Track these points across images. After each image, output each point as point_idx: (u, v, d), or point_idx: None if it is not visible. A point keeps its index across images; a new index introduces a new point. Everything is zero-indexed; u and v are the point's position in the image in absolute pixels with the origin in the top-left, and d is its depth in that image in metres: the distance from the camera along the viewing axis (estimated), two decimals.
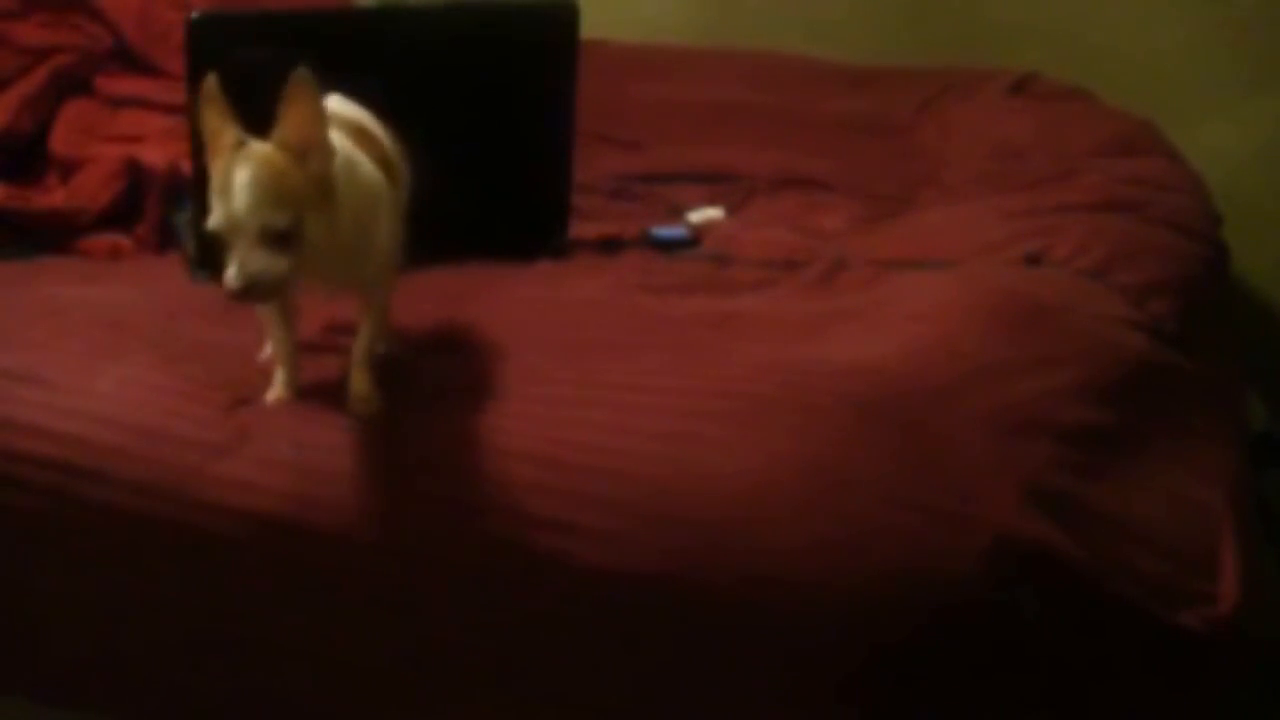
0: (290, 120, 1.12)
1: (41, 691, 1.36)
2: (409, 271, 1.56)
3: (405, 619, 1.20)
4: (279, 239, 1.10)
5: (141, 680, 1.30)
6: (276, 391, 1.29)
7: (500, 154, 1.64)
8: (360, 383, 1.25)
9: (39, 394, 1.30)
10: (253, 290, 1.11)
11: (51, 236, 1.77)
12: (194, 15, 1.41)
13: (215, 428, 1.25)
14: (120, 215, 1.80)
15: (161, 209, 1.77)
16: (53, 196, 1.82)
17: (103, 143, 1.90)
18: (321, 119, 1.13)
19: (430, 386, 1.29)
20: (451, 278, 1.57)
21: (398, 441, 1.22)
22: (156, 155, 1.80)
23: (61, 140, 1.91)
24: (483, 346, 1.37)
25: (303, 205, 1.11)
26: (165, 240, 1.76)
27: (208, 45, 1.28)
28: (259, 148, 1.11)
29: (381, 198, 1.24)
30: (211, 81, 1.13)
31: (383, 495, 1.20)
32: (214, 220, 1.11)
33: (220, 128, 1.12)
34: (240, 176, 1.10)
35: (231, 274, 1.10)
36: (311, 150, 1.13)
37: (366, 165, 1.23)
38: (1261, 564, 1.28)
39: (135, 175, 1.81)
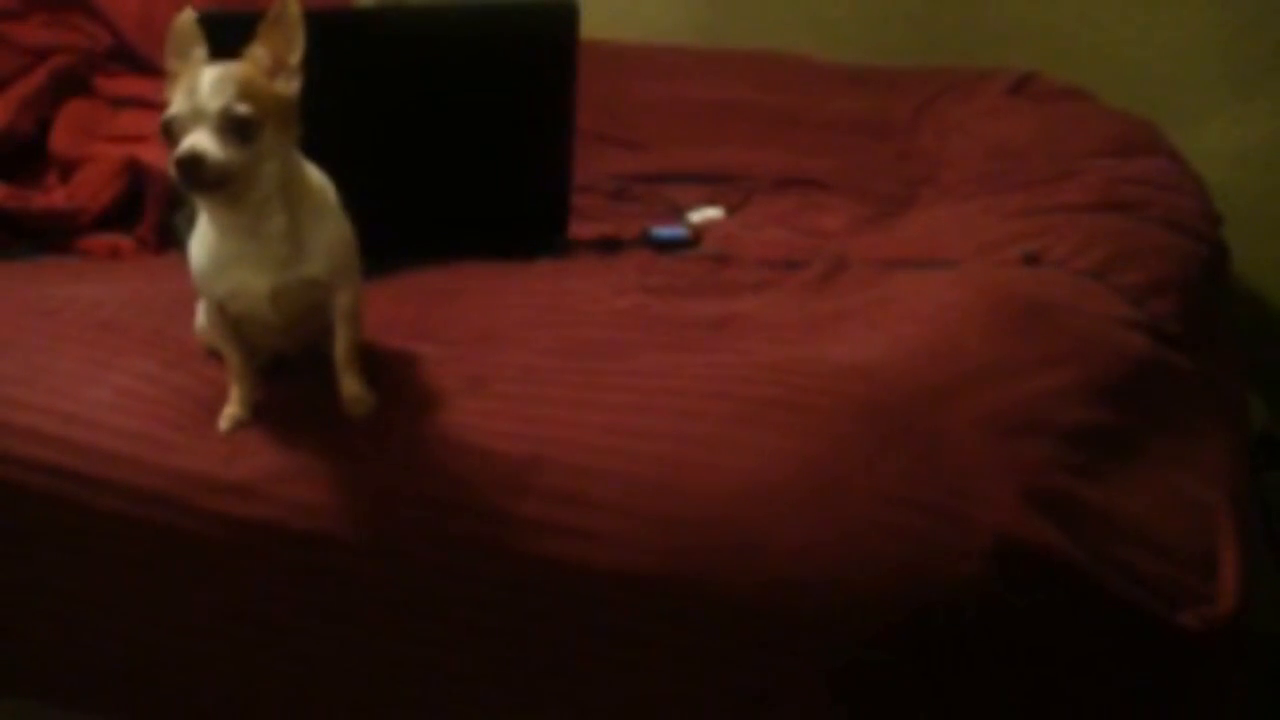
0: (267, 38, 1.14)
1: (42, 692, 1.36)
2: (408, 270, 1.56)
3: (405, 623, 1.20)
4: (238, 132, 1.10)
5: (140, 681, 1.30)
6: (233, 409, 1.26)
7: (500, 154, 1.64)
8: (351, 384, 1.25)
9: (39, 398, 1.30)
10: (198, 170, 1.09)
11: (51, 236, 1.77)
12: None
13: (214, 435, 1.25)
14: (120, 215, 1.80)
15: (161, 209, 1.77)
16: (53, 196, 1.82)
17: (103, 143, 1.90)
18: (298, 45, 1.14)
19: (428, 387, 1.29)
20: (451, 277, 1.57)
21: (394, 444, 1.22)
22: (156, 155, 1.80)
23: (61, 140, 1.90)
24: (481, 346, 1.37)
25: (266, 110, 1.12)
26: (165, 240, 1.75)
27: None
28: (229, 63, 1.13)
29: (326, 194, 1.23)
30: (188, 16, 1.15)
31: (379, 499, 1.20)
32: (174, 107, 1.11)
33: (193, 57, 1.14)
34: (209, 74, 1.11)
35: (183, 145, 1.09)
36: (281, 72, 1.14)
37: (311, 167, 1.23)
38: (1261, 564, 1.28)
39: (135, 175, 1.81)
